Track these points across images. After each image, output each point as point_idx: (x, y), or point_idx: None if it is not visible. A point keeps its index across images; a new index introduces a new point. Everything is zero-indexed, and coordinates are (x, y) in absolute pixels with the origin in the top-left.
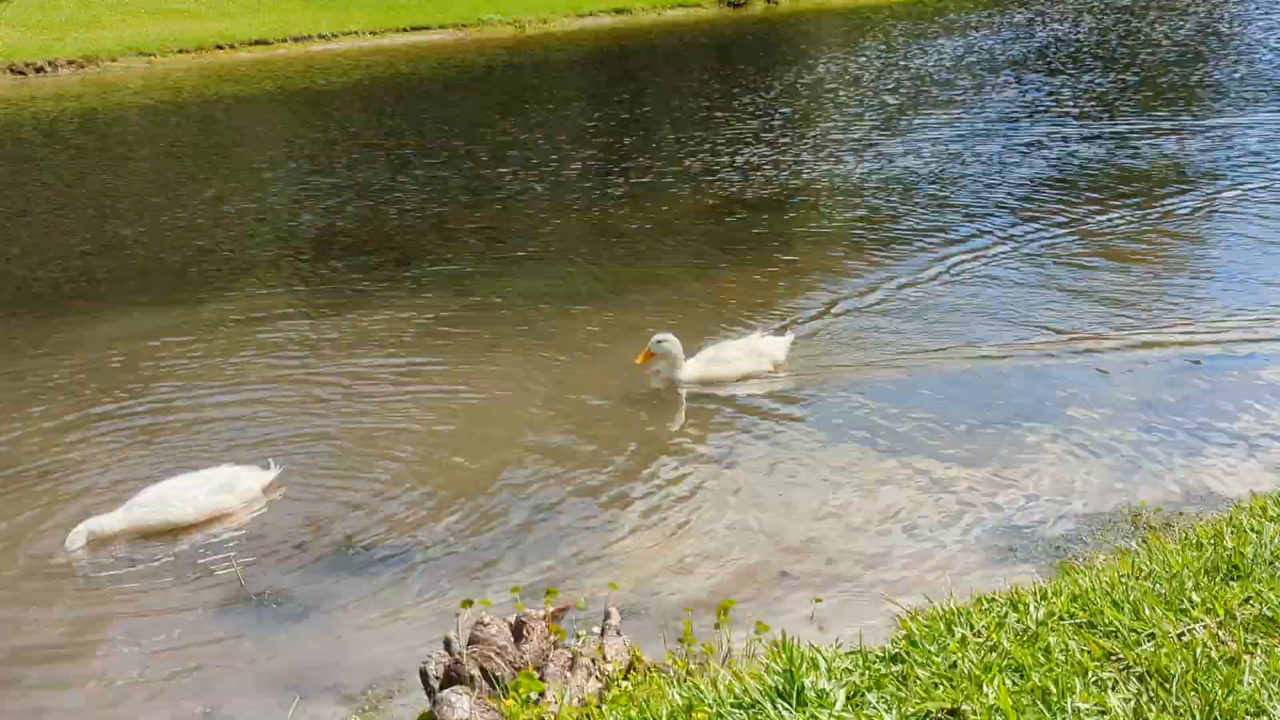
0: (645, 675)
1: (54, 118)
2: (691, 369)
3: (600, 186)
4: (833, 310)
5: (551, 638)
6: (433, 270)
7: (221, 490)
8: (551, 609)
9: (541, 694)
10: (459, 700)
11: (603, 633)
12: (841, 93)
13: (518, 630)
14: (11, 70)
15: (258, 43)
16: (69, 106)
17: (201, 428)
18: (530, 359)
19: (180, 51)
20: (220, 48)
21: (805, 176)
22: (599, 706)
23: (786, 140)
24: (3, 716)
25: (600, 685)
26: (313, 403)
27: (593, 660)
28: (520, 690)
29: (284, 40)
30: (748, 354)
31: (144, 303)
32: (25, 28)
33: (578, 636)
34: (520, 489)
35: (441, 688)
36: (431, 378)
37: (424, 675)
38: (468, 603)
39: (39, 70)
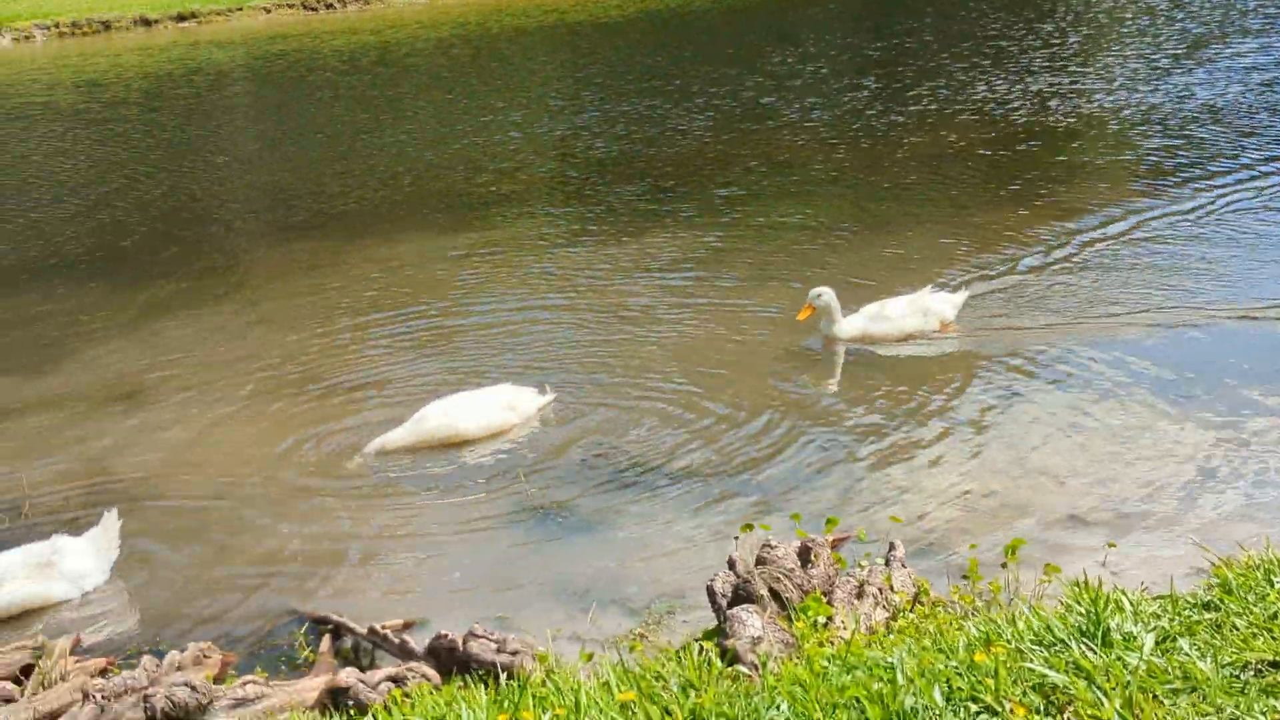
0: (931, 609)
1: (351, 50)
2: (851, 325)
3: (880, 116)
4: (1083, 249)
5: (834, 565)
6: (712, 195)
7: (505, 408)
8: (831, 538)
9: (829, 619)
10: (751, 618)
11: (887, 563)
12: (1137, 20)
13: (803, 555)
14: (305, 6)
15: None
16: (364, 40)
17: (484, 346)
18: (802, 290)
19: None
20: None
21: (1093, 108)
22: (887, 635)
23: (1076, 69)
24: (309, 600)
25: (887, 615)
26: (592, 324)
27: (879, 590)
28: (809, 613)
29: None
30: (914, 311)
31: (436, 224)
32: None
33: (860, 566)
34: (792, 418)
35: (729, 606)
36: (706, 304)
37: (711, 592)
38: (747, 526)
39: (329, 6)
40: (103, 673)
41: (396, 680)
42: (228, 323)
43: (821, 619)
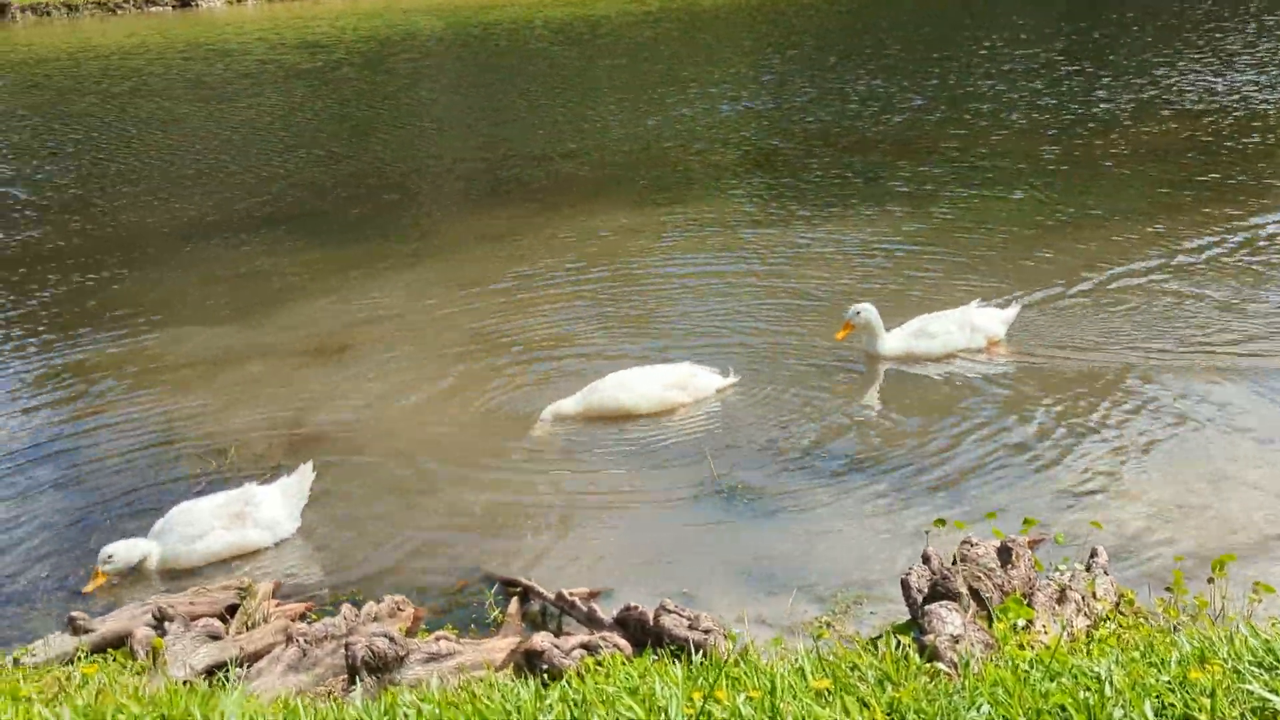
0: (1134, 619)
1: (561, 22)
2: (893, 342)
3: (1086, 107)
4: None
5: (1033, 568)
6: (915, 179)
7: (675, 386)
8: (1027, 539)
9: (1030, 622)
10: (951, 615)
11: (1088, 569)
12: None
13: (1004, 554)
14: None
15: None
16: (574, 12)
17: (676, 321)
18: (990, 285)
19: None
20: None
21: None
22: (1088, 643)
23: None
24: (493, 562)
25: (1088, 623)
26: (785, 305)
27: (1082, 596)
28: (1009, 615)
29: None
30: (960, 327)
31: (637, 197)
32: None
33: (1057, 570)
34: (985, 414)
35: (924, 602)
36: (901, 291)
37: (906, 586)
38: (940, 521)
39: None
40: (301, 617)
41: (589, 648)
42: (430, 284)
43: (1021, 622)
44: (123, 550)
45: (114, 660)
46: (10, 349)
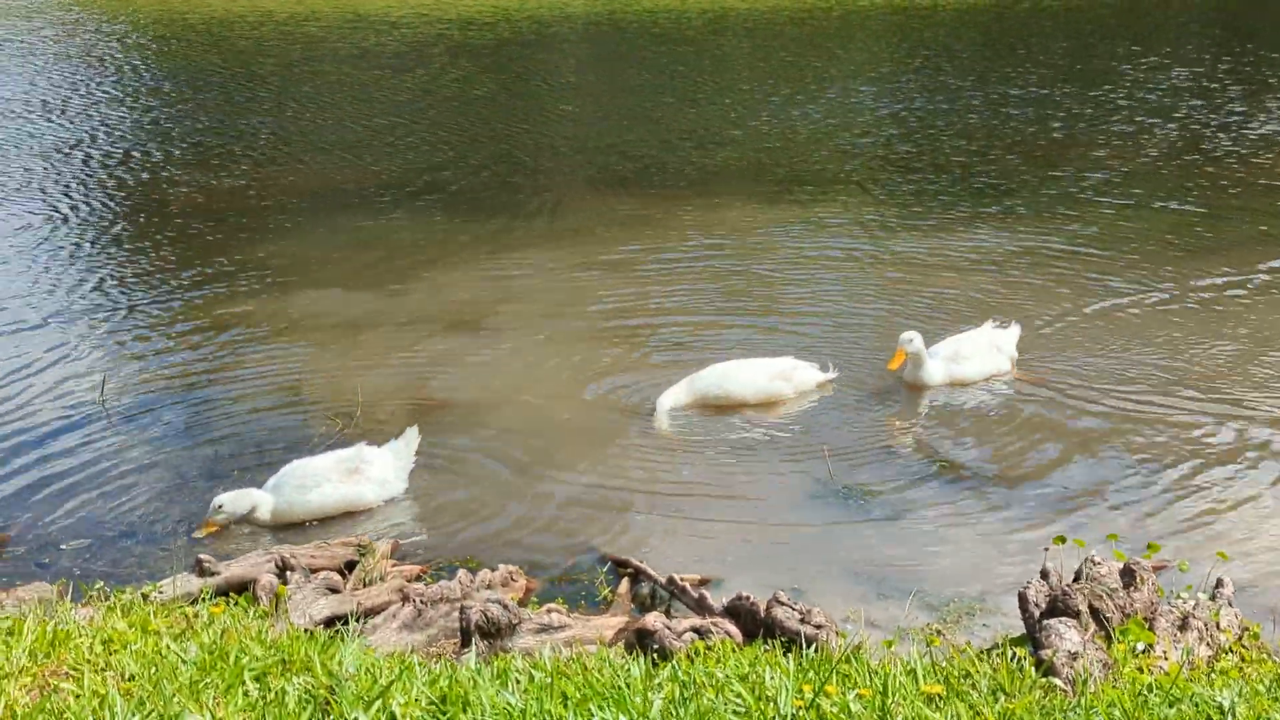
0: (1258, 653)
1: (716, 13)
2: (936, 370)
3: (1250, 129)
4: None
5: (1155, 593)
6: (1056, 189)
7: (779, 378)
8: (1150, 564)
9: (1150, 646)
10: (1069, 632)
11: (1213, 599)
12: None
13: (1127, 576)
14: None
15: None
16: (731, 5)
17: (789, 318)
18: (1094, 304)
19: None
20: None
21: None
22: (1209, 673)
23: None
24: (602, 542)
25: (1210, 653)
26: (898, 310)
27: (1204, 625)
28: (1129, 637)
29: None
30: (988, 349)
31: (761, 193)
32: None
33: (1180, 597)
34: (1105, 436)
35: (1041, 617)
36: (1012, 305)
37: (1023, 600)
38: (1060, 539)
39: None
40: (417, 578)
41: (700, 632)
42: (566, 264)
43: (1140, 645)
44: (230, 500)
45: (236, 604)
46: (164, 294)
